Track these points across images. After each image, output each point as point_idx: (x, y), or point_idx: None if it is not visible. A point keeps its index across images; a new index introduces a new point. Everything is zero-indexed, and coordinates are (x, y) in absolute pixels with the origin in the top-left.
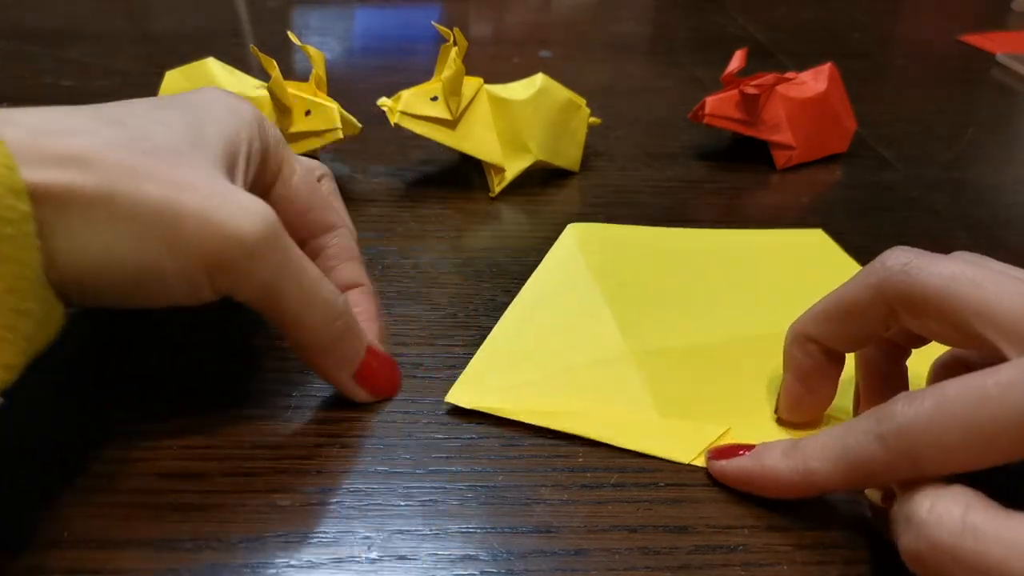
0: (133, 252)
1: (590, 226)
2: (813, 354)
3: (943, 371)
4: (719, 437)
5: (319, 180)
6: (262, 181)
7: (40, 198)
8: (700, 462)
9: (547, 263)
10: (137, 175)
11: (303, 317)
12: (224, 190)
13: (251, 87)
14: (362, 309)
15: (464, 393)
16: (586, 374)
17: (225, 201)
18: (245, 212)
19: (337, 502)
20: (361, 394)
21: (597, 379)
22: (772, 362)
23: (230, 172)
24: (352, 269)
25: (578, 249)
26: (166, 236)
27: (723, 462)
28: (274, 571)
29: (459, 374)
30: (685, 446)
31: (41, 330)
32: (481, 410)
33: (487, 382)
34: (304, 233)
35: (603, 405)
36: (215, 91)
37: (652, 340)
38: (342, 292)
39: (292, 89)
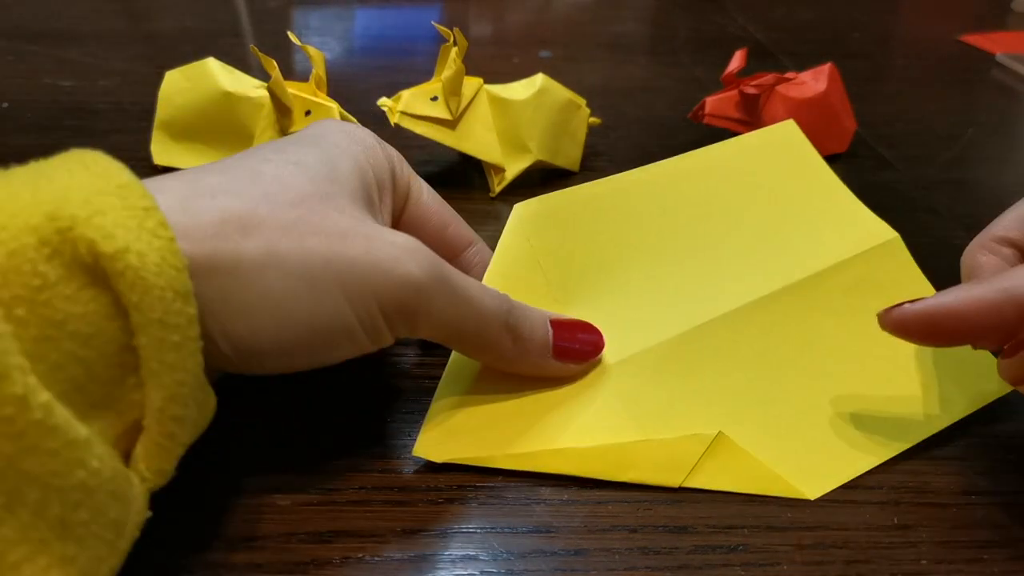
0: (312, 307)
1: (537, 202)
2: (1009, 259)
3: None
4: (708, 448)
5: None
6: (396, 205)
7: (205, 272)
8: (692, 483)
9: (496, 262)
10: (296, 230)
11: (483, 332)
12: (379, 232)
13: (251, 87)
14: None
15: (431, 445)
16: (553, 399)
17: (385, 244)
18: (406, 253)
19: (335, 501)
20: (570, 369)
21: (567, 402)
22: (765, 339)
23: (370, 205)
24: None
25: (527, 237)
26: (343, 286)
27: (904, 308)
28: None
29: None
30: (671, 469)
31: (196, 430)
32: (453, 462)
33: (452, 427)
34: (446, 251)
35: (579, 434)
36: (331, 122)
37: (622, 341)
38: None
39: (292, 89)
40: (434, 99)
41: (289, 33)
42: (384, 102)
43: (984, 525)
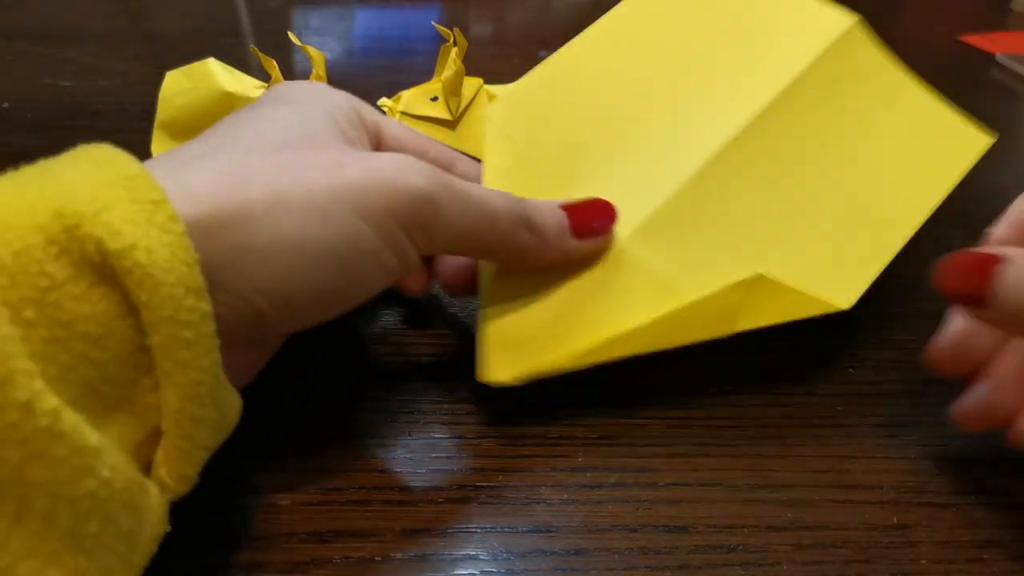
0: (331, 236)
1: (504, 98)
2: None
3: None
4: (746, 292)
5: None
6: (371, 142)
7: (214, 230)
8: (740, 327)
9: (488, 170)
10: (292, 169)
11: (499, 231)
12: (371, 155)
13: (251, 87)
14: None
15: (498, 368)
16: (587, 287)
17: (382, 162)
18: (405, 166)
19: (335, 501)
20: (594, 244)
21: (602, 289)
22: (762, 167)
23: (349, 142)
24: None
25: (508, 135)
26: (355, 207)
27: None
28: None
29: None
30: (720, 321)
31: (219, 433)
32: (523, 378)
33: (507, 345)
34: None
35: (625, 315)
36: (285, 83)
37: (632, 207)
38: None
39: None
40: (434, 99)
41: (289, 33)
42: (384, 102)
43: (984, 525)
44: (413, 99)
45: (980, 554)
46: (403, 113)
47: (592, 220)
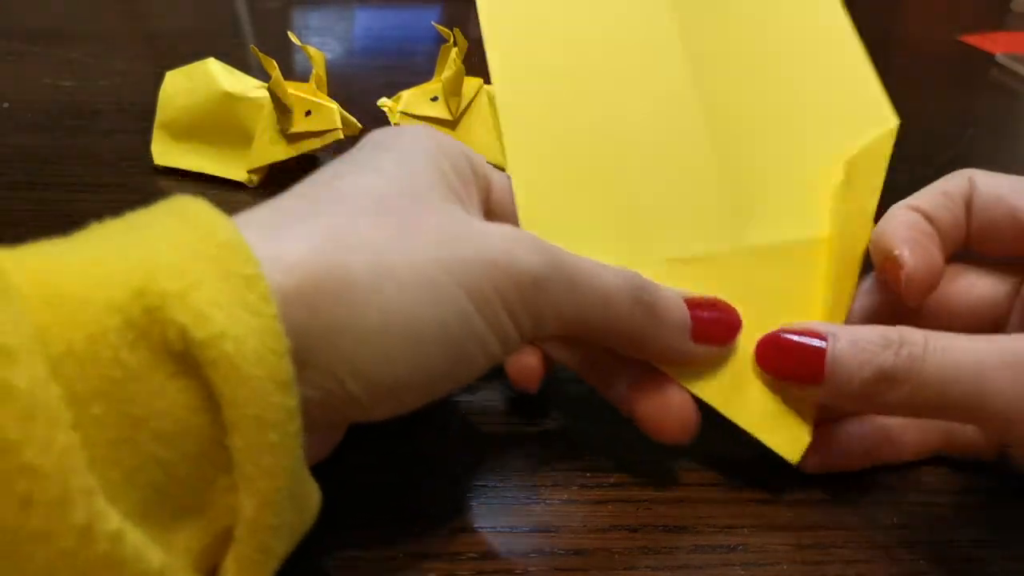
0: (440, 316)
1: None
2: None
3: None
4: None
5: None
6: (481, 196)
7: (314, 302)
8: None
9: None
10: (400, 237)
11: (612, 313)
12: (482, 226)
13: (251, 87)
14: None
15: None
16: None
17: (494, 237)
18: (517, 244)
19: (332, 501)
20: (709, 352)
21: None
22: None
23: (458, 199)
24: None
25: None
26: (464, 287)
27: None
28: None
29: None
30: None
31: (295, 535)
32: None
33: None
34: None
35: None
36: (388, 128)
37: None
38: None
39: (292, 89)
40: (434, 99)
41: (289, 33)
42: (384, 102)
43: (983, 525)
44: (413, 99)
45: (980, 554)
46: (403, 113)
47: (718, 328)
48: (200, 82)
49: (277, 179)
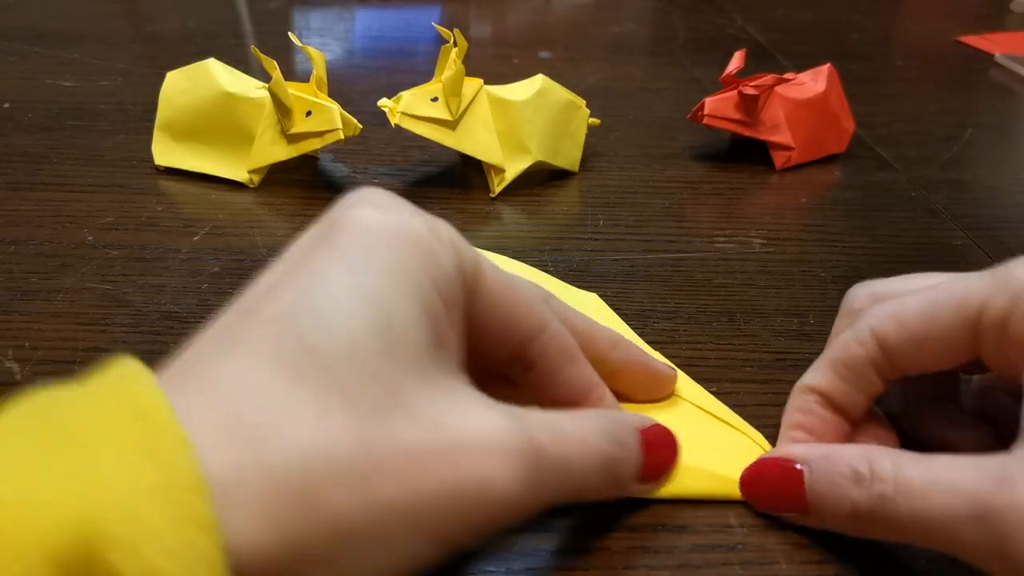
0: (386, 563)
1: None
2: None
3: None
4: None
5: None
6: (465, 311)
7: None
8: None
9: None
10: (364, 482)
11: (579, 493)
12: (456, 434)
13: (252, 88)
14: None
15: None
16: None
17: (469, 454)
18: (493, 459)
19: None
20: (646, 490)
21: None
22: None
23: (438, 349)
24: (577, 373)
25: None
26: (425, 532)
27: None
28: None
29: None
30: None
31: None
32: None
33: None
34: (514, 344)
35: None
36: (371, 218)
37: None
38: (579, 401)
39: (293, 90)
40: (434, 100)
41: (290, 34)
42: (384, 103)
43: None
44: (413, 100)
45: None
46: (403, 113)
47: (665, 462)
48: (201, 82)
49: (277, 179)
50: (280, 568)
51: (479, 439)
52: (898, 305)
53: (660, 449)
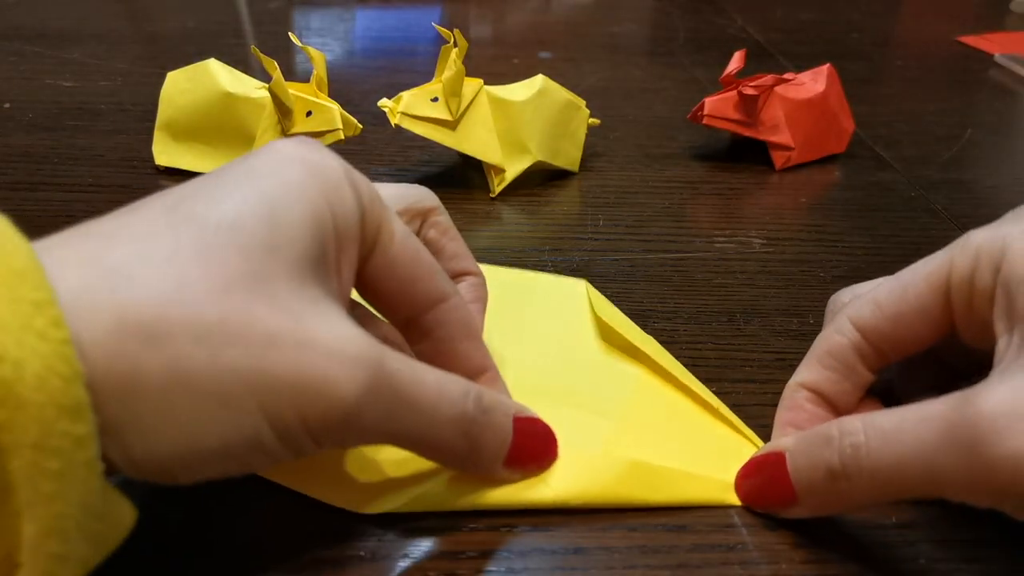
0: (225, 429)
1: None
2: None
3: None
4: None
5: (427, 218)
6: (362, 253)
7: (99, 388)
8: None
9: None
10: (212, 339)
11: (428, 440)
12: (312, 334)
13: (252, 88)
14: (494, 385)
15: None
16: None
17: (317, 354)
18: (341, 366)
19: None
20: (513, 477)
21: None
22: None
23: (320, 266)
24: (471, 352)
25: None
26: (263, 405)
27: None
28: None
29: None
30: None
31: (92, 558)
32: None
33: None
34: (411, 309)
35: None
36: (291, 147)
37: None
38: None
39: (293, 90)
40: (434, 100)
41: (290, 34)
42: (384, 103)
43: (982, 524)
44: (413, 100)
45: (978, 553)
46: (403, 114)
47: (530, 459)
48: (201, 82)
49: None
50: (120, 390)
51: (332, 343)
52: (873, 292)
53: (533, 439)
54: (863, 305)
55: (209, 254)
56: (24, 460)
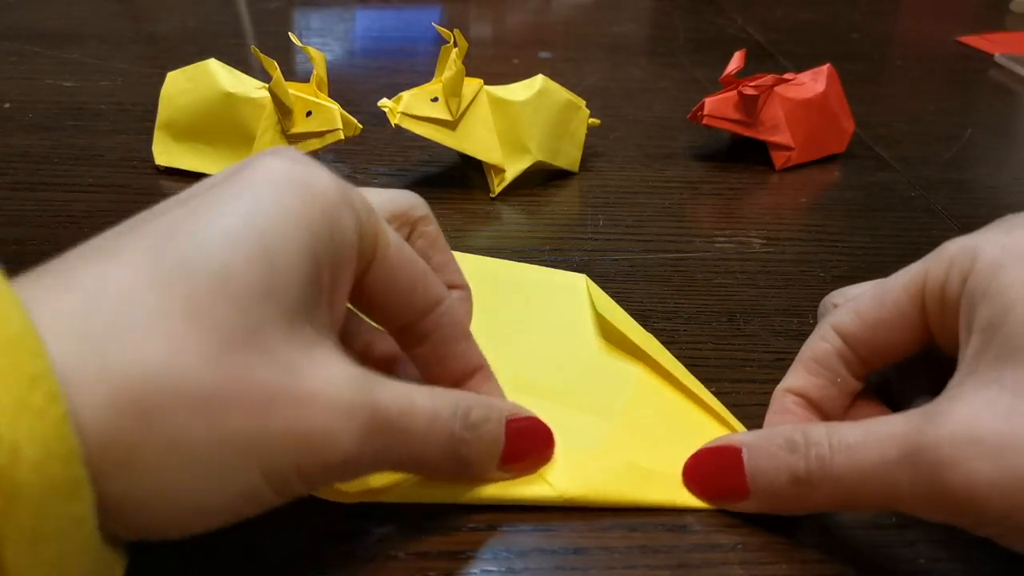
0: (222, 491)
1: None
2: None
3: None
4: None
5: (416, 227)
6: (359, 270)
7: (96, 463)
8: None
9: None
10: (210, 408)
11: (419, 464)
12: (310, 386)
13: (252, 88)
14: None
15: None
16: None
17: (317, 410)
18: (340, 415)
19: (333, 502)
20: (509, 476)
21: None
22: None
23: (314, 304)
24: (465, 353)
25: None
26: (262, 467)
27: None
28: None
29: None
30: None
31: None
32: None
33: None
34: (408, 315)
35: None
36: (284, 163)
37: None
38: (463, 381)
39: (293, 90)
40: (434, 100)
41: (290, 34)
42: (384, 103)
43: None
44: (413, 100)
45: (978, 553)
46: (403, 114)
47: (527, 456)
48: (201, 82)
49: None
50: (118, 465)
51: (331, 394)
52: (855, 300)
53: (527, 440)
54: (845, 312)
55: (200, 311)
56: (21, 547)
